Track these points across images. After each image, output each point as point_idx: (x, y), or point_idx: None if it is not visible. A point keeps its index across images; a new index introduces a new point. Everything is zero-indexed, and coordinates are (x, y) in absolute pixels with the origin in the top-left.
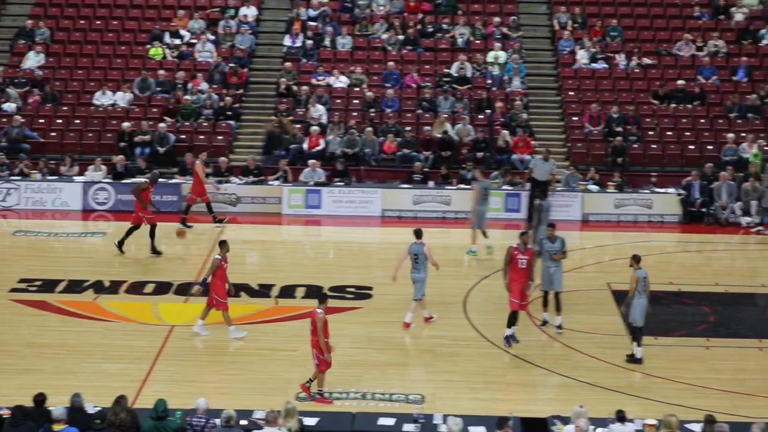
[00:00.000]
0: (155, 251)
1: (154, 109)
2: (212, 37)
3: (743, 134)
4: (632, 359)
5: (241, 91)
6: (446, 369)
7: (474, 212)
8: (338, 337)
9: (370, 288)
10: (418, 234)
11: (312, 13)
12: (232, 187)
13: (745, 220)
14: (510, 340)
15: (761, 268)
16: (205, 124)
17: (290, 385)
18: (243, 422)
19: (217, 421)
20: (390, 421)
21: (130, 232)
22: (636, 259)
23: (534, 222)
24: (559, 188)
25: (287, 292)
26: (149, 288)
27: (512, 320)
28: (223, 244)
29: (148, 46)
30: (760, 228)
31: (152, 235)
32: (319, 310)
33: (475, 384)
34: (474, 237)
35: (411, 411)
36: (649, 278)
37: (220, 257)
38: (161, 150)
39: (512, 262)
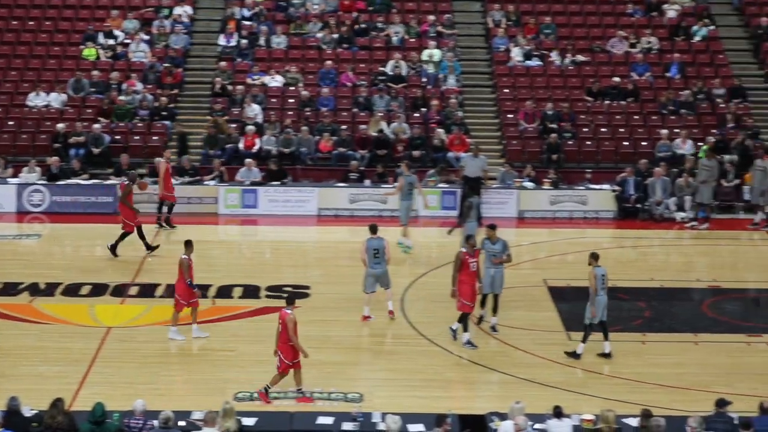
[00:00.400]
0: (114, 252)
1: (89, 110)
2: (146, 37)
3: (677, 130)
4: (573, 355)
5: (176, 91)
6: (384, 367)
7: (400, 205)
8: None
9: (307, 287)
10: (374, 229)
11: (246, 12)
12: None
13: (679, 216)
14: (471, 344)
15: (695, 263)
16: (140, 124)
17: (228, 386)
18: (181, 423)
19: (155, 423)
20: (328, 420)
21: (139, 235)
22: (594, 257)
23: (463, 219)
24: (494, 185)
25: (224, 292)
26: (85, 290)
27: (465, 323)
28: (189, 243)
29: (82, 46)
30: (694, 223)
31: (121, 237)
32: (288, 311)
33: (413, 382)
34: (404, 231)
35: (350, 410)
36: (607, 275)
37: (187, 257)
38: (96, 151)
39: (463, 266)
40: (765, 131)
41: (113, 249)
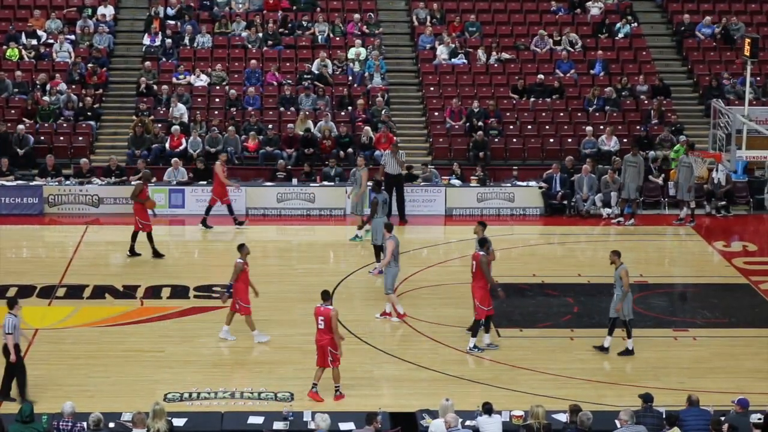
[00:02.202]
0: (157, 254)
1: (12, 111)
2: (70, 37)
3: (602, 127)
4: (626, 352)
5: (100, 91)
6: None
7: (357, 199)
8: (206, 336)
9: None
10: (390, 228)
11: (171, 11)
12: (94, 188)
13: (605, 212)
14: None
15: (622, 258)
16: (64, 125)
17: (158, 386)
18: (111, 425)
19: (85, 424)
20: (259, 420)
21: (147, 236)
22: (617, 254)
23: (369, 215)
24: (421, 184)
25: (153, 292)
26: (11, 292)
27: (478, 328)
28: (242, 247)
29: (4, 47)
30: (620, 219)
31: (132, 238)
32: (330, 308)
33: (343, 380)
34: (360, 223)
35: (280, 409)
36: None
37: (242, 261)
38: (20, 152)
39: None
40: (688, 127)
41: (131, 250)
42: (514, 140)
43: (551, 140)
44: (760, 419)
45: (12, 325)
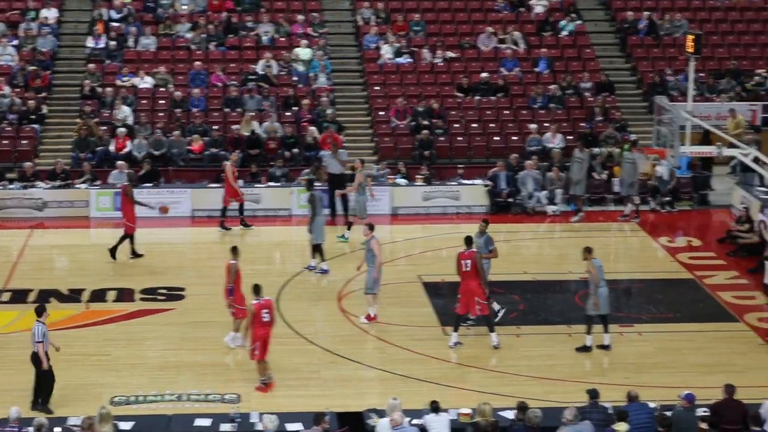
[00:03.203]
0: (136, 254)
1: None
2: (14, 41)
3: (546, 124)
4: (604, 347)
5: (44, 94)
6: (252, 367)
7: (356, 201)
8: (153, 339)
9: (182, 289)
10: (371, 227)
11: (114, 13)
12: (38, 191)
13: (550, 209)
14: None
15: (568, 255)
16: (8, 128)
17: (104, 390)
18: (57, 429)
19: (30, 430)
20: (206, 422)
21: (123, 239)
22: (588, 251)
23: (310, 213)
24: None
25: (98, 296)
26: None
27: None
28: (235, 249)
29: None
30: (581, 214)
31: (131, 240)
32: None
33: (290, 381)
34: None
35: (227, 410)
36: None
37: (236, 262)
38: None
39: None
40: (633, 124)
41: (133, 252)
42: (459, 138)
43: (496, 138)
44: (705, 413)
45: (41, 333)
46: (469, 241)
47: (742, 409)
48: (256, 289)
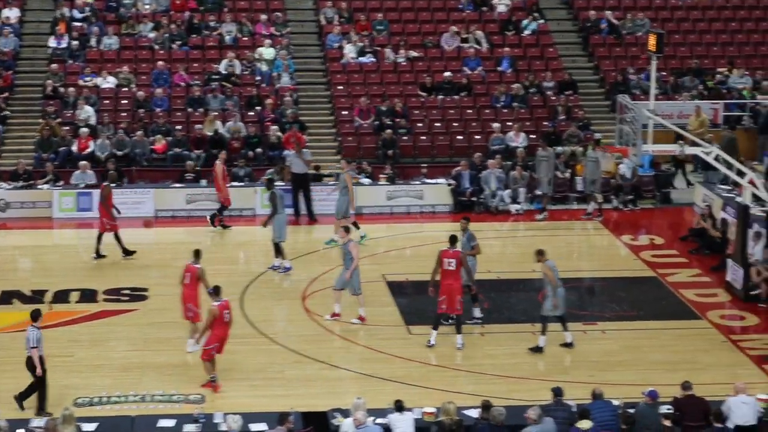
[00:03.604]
0: (127, 252)
1: None
2: None
3: (509, 123)
4: (567, 345)
5: (6, 94)
6: (225, 367)
7: (339, 200)
8: (116, 340)
9: (145, 289)
10: (347, 230)
11: (77, 13)
12: (1, 192)
13: (514, 208)
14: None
15: (531, 254)
16: None
17: (68, 392)
18: (20, 431)
19: None
20: (170, 423)
21: (118, 238)
22: (541, 253)
23: (271, 211)
24: (330, 182)
25: (61, 297)
26: None
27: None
28: (198, 253)
29: None
30: (545, 214)
31: (118, 238)
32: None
33: (254, 381)
34: (336, 226)
35: (191, 411)
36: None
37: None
38: None
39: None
40: (595, 122)
41: (97, 252)
42: (423, 138)
43: (459, 137)
44: (669, 410)
45: (36, 338)
46: (453, 239)
47: (704, 406)
48: (216, 290)
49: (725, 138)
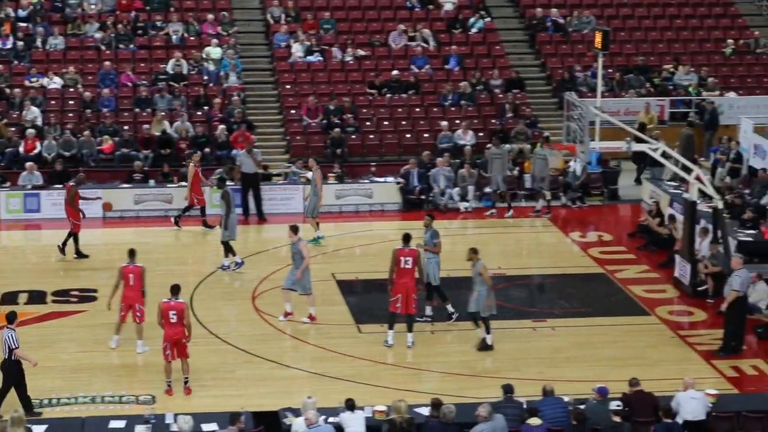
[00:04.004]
0: (81, 254)
1: None
2: None
3: (458, 121)
4: (486, 347)
5: None
6: (175, 368)
7: (309, 201)
8: (65, 341)
9: (94, 290)
10: (295, 229)
11: (21, 13)
12: None
13: (462, 206)
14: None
15: (480, 251)
16: None
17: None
18: None
19: None
20: (120, 424)
21: (72, 238)
22: (474, 251)
23: (224, 211)
24: (279, 182)
25: (9, 298)
26: None
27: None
28: (134, 252)
29: None
30: (501, 212)
31: (75, 240)
32: (182, 301)
33: (205, 381)
34: (312, 225)
35: (142, 412)
36: None
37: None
38: None
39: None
40: (543, 120)
41: (62, 250)
42: (371, 136)
43: (408, 136)
44: (619, 406)
45: (15, 338)
46: (407, 238)
47: (653, 401)
48: (174, 290)
49: (683, 134)
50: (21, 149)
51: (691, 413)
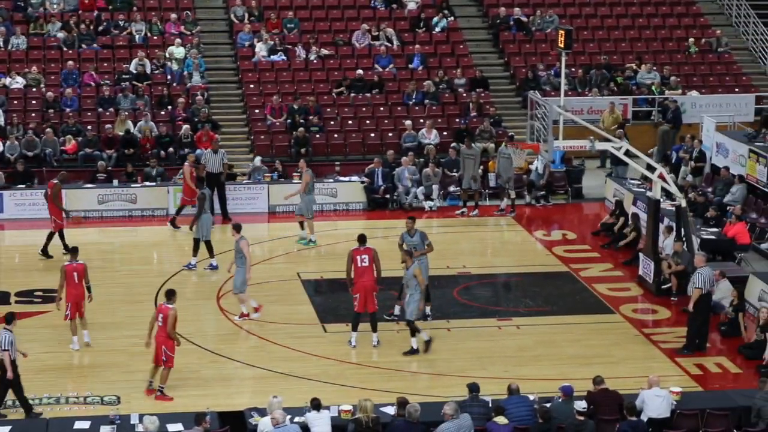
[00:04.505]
0: (46, 253)
1: None
2: None
3: (422, 120)
4: (411, 352)
5: None
6: (141, 368)
7: (303, 201)
8: (29, 342)
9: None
10: (238, 228)
11: None
12: None
13: (427, 205)
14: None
15: (445, 250)
16: None
17: None
18: None
19: None
20: (85, 425)
21: (61, 237)
22: (409, 254)
23: (197, 212)
24: (244, 181)
25: None
26: None
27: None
28: (75, 250)
29: None
30: (471, 210)
31: (50, 238)
32: (170, 306)
33: (171, 381)
34: (309, 226)
35: (107, 413)
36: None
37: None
38: None
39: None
40: (507, 119)
41: (44, 251)
42: (336, 136)
43: (372, 135)
44: (584, 409)
45: (9, 341)
46: (362, 238)
47: (618, 399)
48: (168, 294)
49: (661, 131)
50: None
51: (656, 411)
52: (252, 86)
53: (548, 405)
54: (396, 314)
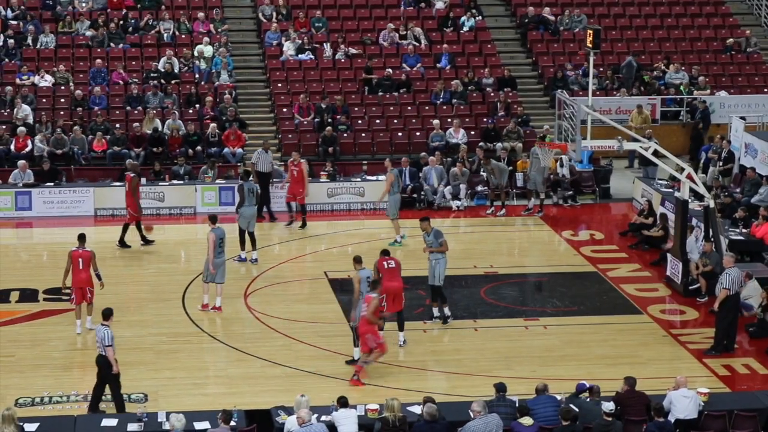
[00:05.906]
0: (124, 244)
1: None
2: None
3: (449, 120)
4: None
5: None
6: (168, 366)
7: (389, 201)
8: (57, 340)
9: None
10: (214, 219)
11: (11, 12)
12: None
13: (455, 204)
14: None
15: (472, 249)
16: None
17: (9, 392)
18: None
19: None
20: (113, 422)
21: (138, 229)
22: (358, 260)
23: (238, 204)
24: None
25: (1, 296)
26: None
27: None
28: (83, 237)
29: None
30: (498, 210)
31: (125, 230)
32: (373, 295)
33: (197, 379)
34: (395, 226)
35: (134, 410)
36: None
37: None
38: None
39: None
40: (534, 119)
41: (122, 242)
42: (363, 135)
43: (399, 134)
44: (611, 410)
45: (110, 336)
46: (386, 253)
47: (644, 400)
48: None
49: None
50: (12, 147)
51: (683, 412)
52: (279, 85)
53: (574, 405)
54: (437, 317)
